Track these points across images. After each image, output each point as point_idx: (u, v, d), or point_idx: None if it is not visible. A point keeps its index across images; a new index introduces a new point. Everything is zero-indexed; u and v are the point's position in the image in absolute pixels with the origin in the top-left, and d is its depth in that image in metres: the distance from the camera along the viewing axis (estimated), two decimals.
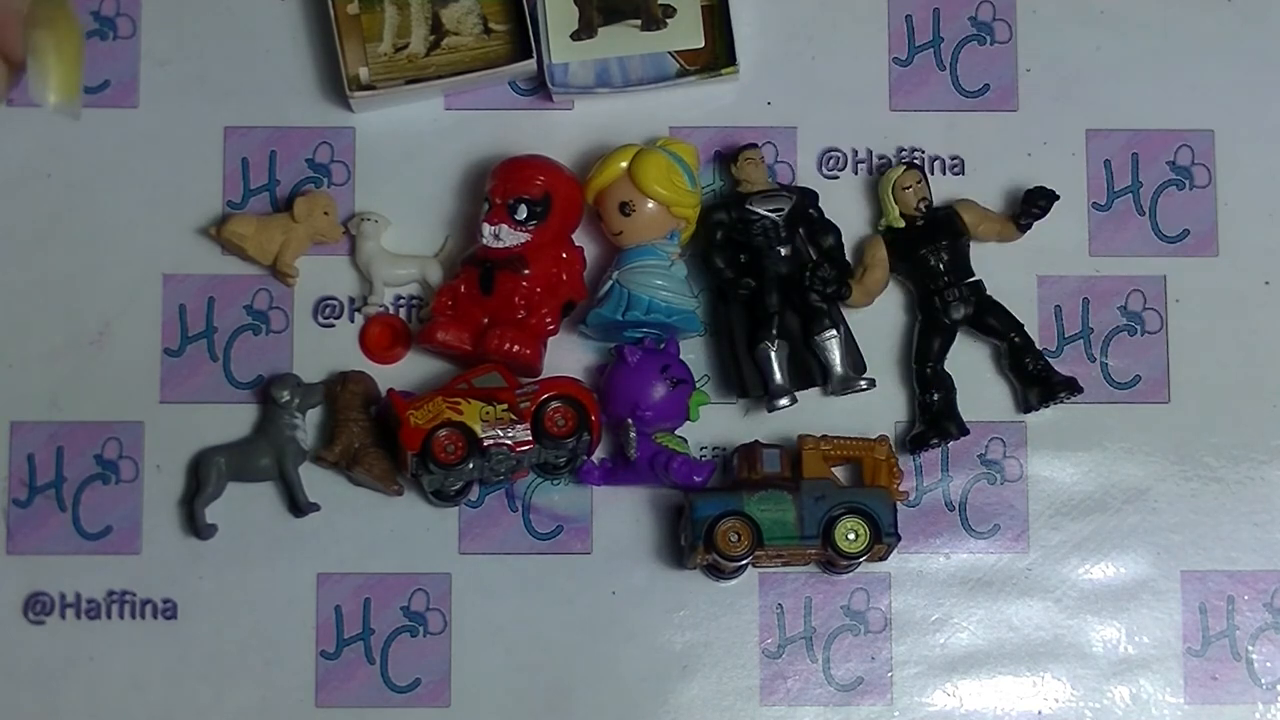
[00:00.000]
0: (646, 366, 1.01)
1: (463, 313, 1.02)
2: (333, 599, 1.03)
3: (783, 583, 1.03)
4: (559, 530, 1.03)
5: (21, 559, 1.03)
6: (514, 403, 1.00)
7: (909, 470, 1.04)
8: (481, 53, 1.04)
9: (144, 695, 1.02)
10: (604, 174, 1.02)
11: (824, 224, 1.04)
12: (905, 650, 1.03)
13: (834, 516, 0.99)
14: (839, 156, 1.06)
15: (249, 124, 1.06)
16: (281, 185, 1.05)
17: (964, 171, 1.06)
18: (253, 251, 1.03)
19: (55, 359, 1.04)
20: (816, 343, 1.02)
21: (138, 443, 1.03)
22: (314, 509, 1.02)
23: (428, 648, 1.02)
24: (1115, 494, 1.04)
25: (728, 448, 1.04)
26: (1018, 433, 1.05)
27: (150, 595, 1.03)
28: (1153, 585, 1.04)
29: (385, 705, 1.02)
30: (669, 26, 1.05)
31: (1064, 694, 1.03)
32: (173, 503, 1.03)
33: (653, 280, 1.01)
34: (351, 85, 1.03)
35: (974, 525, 1.04)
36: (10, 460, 1.03)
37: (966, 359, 1.04)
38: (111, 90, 1.06)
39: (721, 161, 1.06)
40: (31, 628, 1.03)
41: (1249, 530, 1.04)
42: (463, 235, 1.05)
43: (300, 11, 1.07)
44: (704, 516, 0.99)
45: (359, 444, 1.02)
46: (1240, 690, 1.03)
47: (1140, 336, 1.05)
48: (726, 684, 1.03)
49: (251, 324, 1.05)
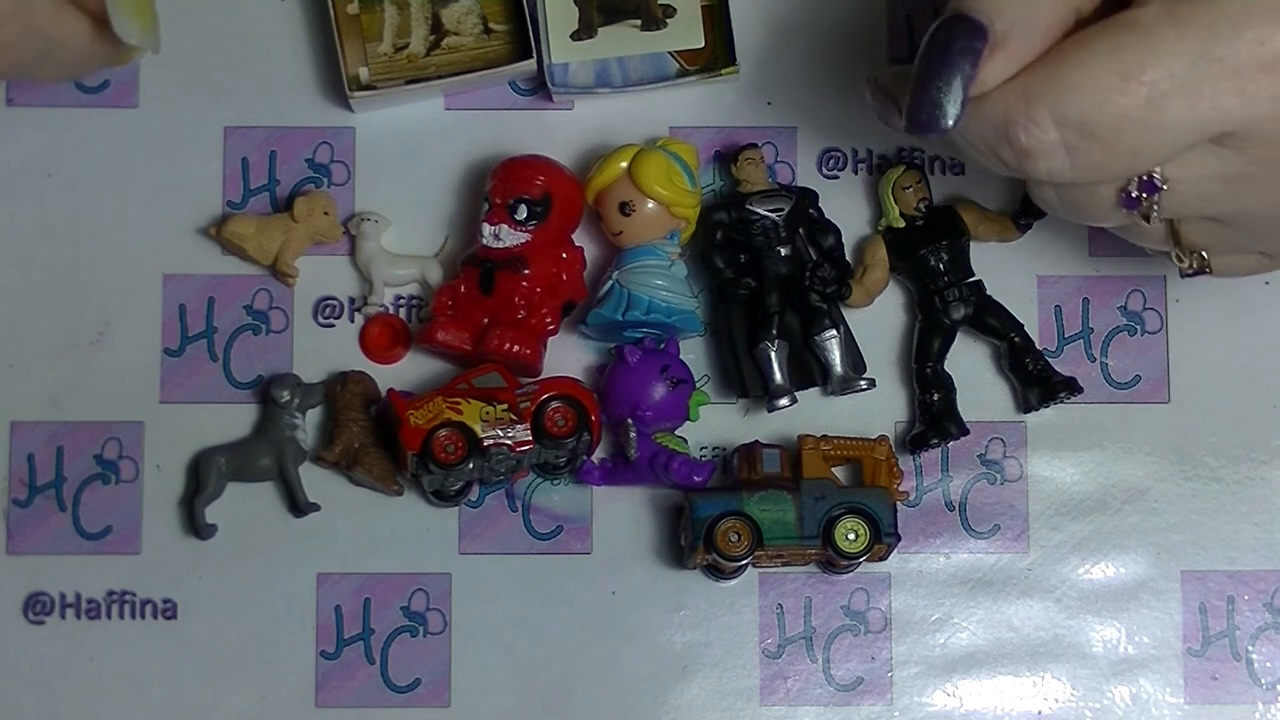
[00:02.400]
0: (646, 366, 1.01)
1: (463, 313, 1.02)
2: (333, 599, 1.03)
3: (783, 583, 1.03)
4: (559, 530, 1.03)
5: (21, 559, 1.03)
6: (514, 403, 1.00)
7: (909, 470, 1.04)
8: (481, 53, 1.04)
9: (144, 695, 1.02)
10: (604, 174, 1.02)
11: (824, 224, 1.04)
12: (905, 650, 1.03)
13: (834, 516, 0.99)
14: (839, 156, 1.06)
15: (249, 124, 1.06)
16: (281, 185, 1.05)
17: (964, 171, 1.06)
18: (253, 251, 1.03)
19: (55, 359, 1.04)
20: (816, 343, 1.02)
21: (138, 443, 1.03)
22: (314, 509, 1.02)
23: (428, 648, 1.03)
24: (1115, 494, 1.04)
25: (728, 448, 1.04)
26: (1018, 433, 1.05)
27: (150, 595, 1.03)
28: (1153, 585, 1.04)
29: (385, 705, 1.02)
30: (669, 26, 1.05)
31: (1064, 694, 1.03)
32: (173, 503, 1.03)
33: (653, 280, 1.01)
34: (351, 85, 1.03)
35: (974, 525, 1.04)
36: (10, 460, 1.03)
37: (966, 359, 1.04)
38: (111, 90, 1.06)
39: (721, 161, 1.06)
40: (31, 628, 1.03)
41: (1249, 530, 1.04)
42: (463, 235, 1.05)
43: (300, 11, 1.07)
44: (704, 516, 0.99)
45: (359, 444, 1.02)
46: (1240, 690, 1.03)
47: (1140, 336, 1.05)
48: (726, 684, 1.03)
49: (251, 324, 1.05)
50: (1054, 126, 0.80)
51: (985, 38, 0.81)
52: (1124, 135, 0.80)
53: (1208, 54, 0.78)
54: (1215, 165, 0.82)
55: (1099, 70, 0.79)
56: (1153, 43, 0.79)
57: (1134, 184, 0.83)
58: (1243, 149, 0.81)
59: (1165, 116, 0.79)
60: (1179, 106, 0.79)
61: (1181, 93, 0.79)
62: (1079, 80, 0.80)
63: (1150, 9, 0.80)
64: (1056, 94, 0.80)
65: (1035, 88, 0.81)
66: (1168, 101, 0.79)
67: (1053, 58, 0.81)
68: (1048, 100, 0.80)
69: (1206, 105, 0.79)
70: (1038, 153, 0.82)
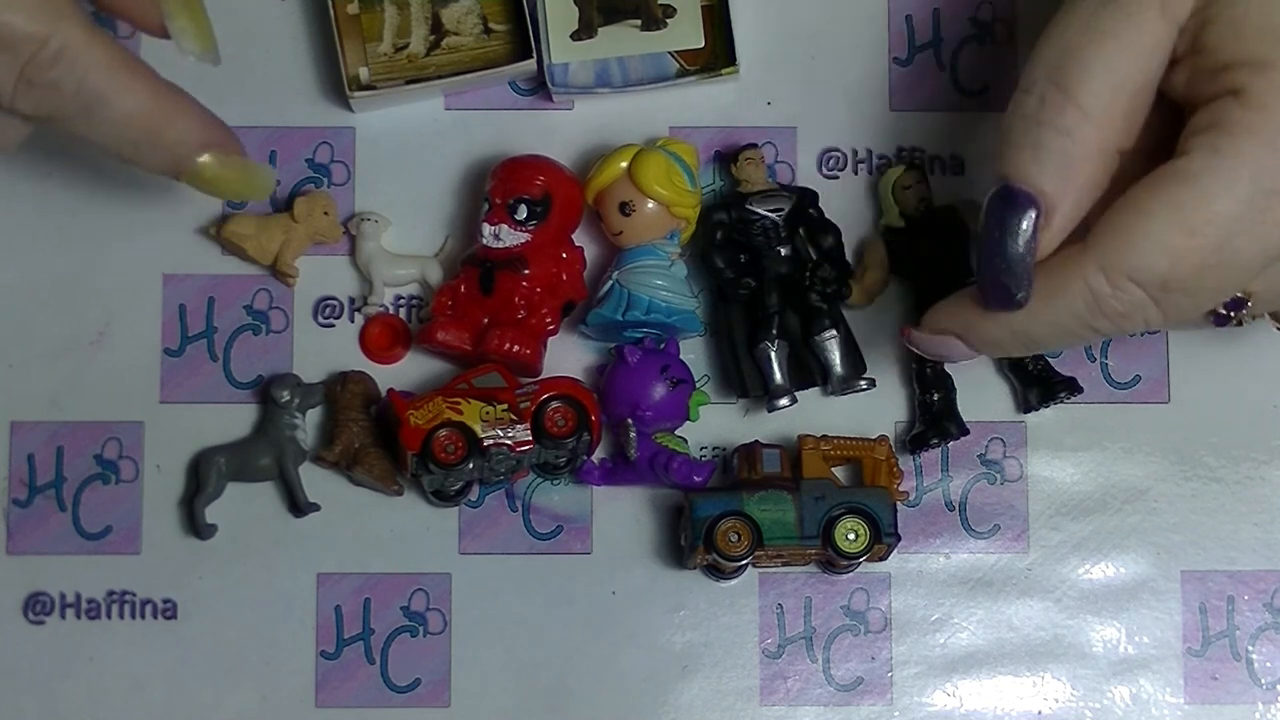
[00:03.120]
0: (646, 366, 1.01)
1: (463, 313, 1.02)
2: (333, 599, 1.03)
3: (783, 583, 1.03)
4: (559, 530, 1.03)
5: (21, 559, 1.03)
6: (514, 403, 1.00)
7: (909, 470, 1.04)
8: (481, 53, 1.04)
9: (144, 695, 1.02)
10: (604, 174, 1.02)
11: (824, 224, 1.04)
12: (905, 650, 1.03)
13: (834, 516, 0.99)
14: (839, 156, 1.06)
15: (249, 124, 1.05)
16: (281, 185, 1.05)
17: (964, 171, 1.06)
18: (253, 251, 1.03)
19: (55, 359, 1.04)
20: (816, 343, 1.02)
21: (138, 443, 1.03)
22: (314, 509, 1.02)
23: (428, 648, 1.02)
24: (1115, 494, 1.04)
25: (728, 448, 1.04)
26: (1018, 433, 1.05)
27: (150, 595, 1.03)
28: (1153, 585, 1.04)
29: (385, 705, 1.02)
30: (669, 26, 1.05)
31: (1064, 694, 1.03)
32: (173, 503, 1.03)
33: (653, 280, 1.01)
34: (351, 85, 1.03)
35: (974, 525, 1.04)
36: (10, 460, 1.03)
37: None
38: None
39: (721, 161, 1.06)
40: (31, 628, 1.03)
41: (1249, 530, 1.04)
42: (463, 235, 1.05)
43: (300, 11, 1.07)
44: (704, 516, 0.99)
45: (359, 444, 1.02)
46: (1240, 690, 1.03)
47: (1140, 336, 1.05)
48: (726, 684, 1.03)
49: (251, 324, 1.05)
50: (1138, 288, 0.83)
51: (1038, 206, 0.84)
52: (1203, 280, 0.83)
53: (1259, 187, 0.81)
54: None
55: (1164, 231, 0.82)
56: (1207, 193, 0.81)
57: (1223, 305, 0.87)
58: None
59: (1236, 254, 0.82)
60: (1245, 241, 0.82)
61: (1245, 229, 0.82)
62: (1148, 245, 0.82)
63: (1195, 158, 0.82)
64: (1132, 260, 0.83)
65: (1110, 259, 0.83)
66: (1234, 241, 0.82)
67: (1117, 223, 0.83)
68: (1125, 268, 0.83)
69: (1271, 233, 0.82)
70: (1132, 314, 0.84)
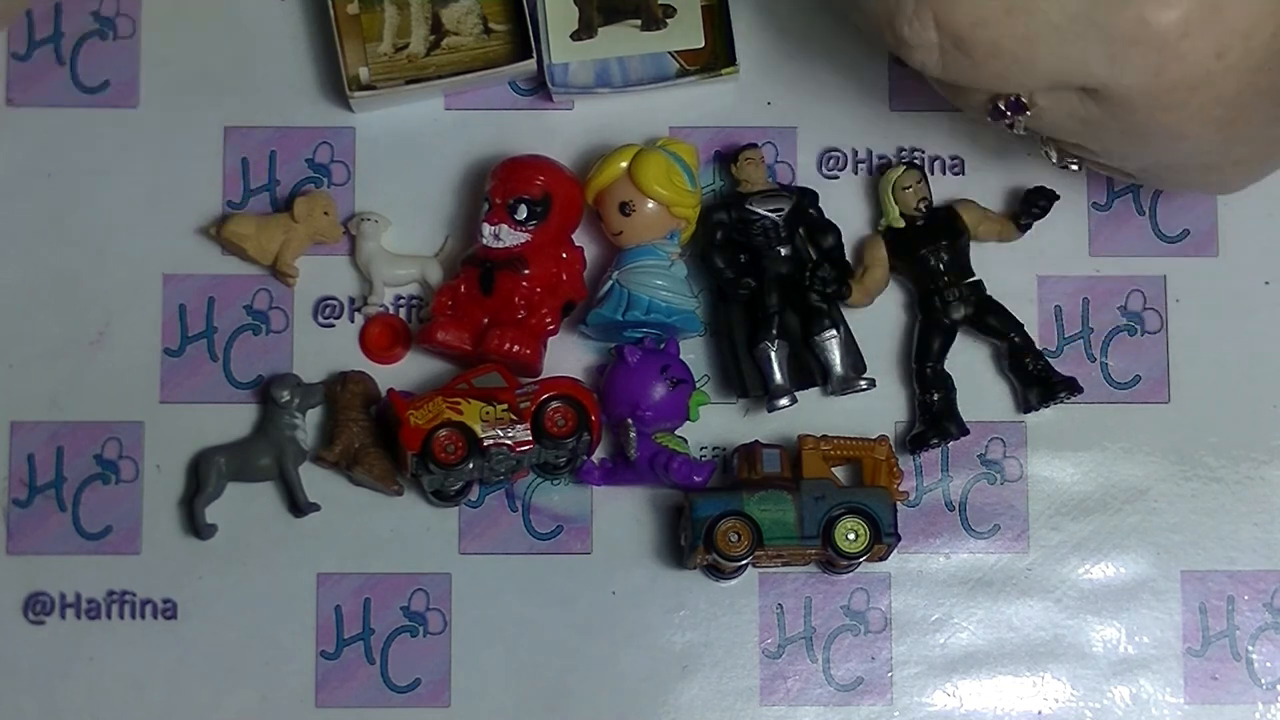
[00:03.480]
0: (646, 366, 1.01)
1: (463, 313, 1.02)
2: (333, 599, 1.03)
3: (783, 583, 1.03)
4: (559, 530, 1.03)
5: (21, 559, 1.03)
6: (514, 403, 1.00)
7: (909, 470, 1.04)
8: (481, 53, 1.04)
9: (144, 695, 1.02)
10: (604, 174, 1.02)
11: (824, 224, 1.04)
12: (905, 650, 1.03)
13: (834, 516, 0.99)
14: (839, 156, 1.06)
15: (249, 124, 1.06)
16: (281, 185, 1.05)
17: (964, 171, 1.06)
18: (253, 251, 1.03)
19: (55, 359, 1.04)
20: (816, 343, 1.02)
21: (138, 443, 1.03)
22: (314, 509, 1.02)
23: (428, 648, 1.02)
24: (1115, 494, 1.04)
25: (728, 448, 1.04)
26: (1018, 433, 1.05)
27: (150, 595, 1.03)
28: (1153, 585, 1.04)
29: (385, 705, 1.02)
30: (669, 26, 1.05)
31: (1064, 694, 1.03)
32: (173, 503, 1.03)
33: (653, 280, 1.01)
34: (351, 85, 1.03)
35: (974, 525, 1.04)
36: (10, 460, 1.03)
37: (966, 359, 1.04)
38: (111, 90, 1.06)
39: (721, 161, 1.06)
40: (31, 628, 1.03)
41: (1249, 530, 1.04)
42: (463, 235, 1.05)
43: (300, 11, 1.07)
44: (704, 516, 0.99)
45: (359, 444, 1.02)
46: (1240, 690, 1.03)
47: (1140, 336, 1.05)
48: (726, 684, 1.03)
49: (251, 324, 1.05)
50: (934, 28, 0.86)
51: None
52: (993, 60, 0.86)
53: (1089, 16, 0.83)
54: (1076, 107, 0.88)
55: None
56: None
57: (1003, 100, 0.89)
58: (1102, 104, 0.86)
59: (1034, 56, 0.85)
60: (1049, 53, 0.84)
61: (1055, 42, 0.84)
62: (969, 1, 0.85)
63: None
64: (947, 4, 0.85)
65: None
66: (1039, 45, 0.84)
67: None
68: (934, 3, 0.85)
69: (1075, 60, 0.84)
70: (914, 46, 0.87)
